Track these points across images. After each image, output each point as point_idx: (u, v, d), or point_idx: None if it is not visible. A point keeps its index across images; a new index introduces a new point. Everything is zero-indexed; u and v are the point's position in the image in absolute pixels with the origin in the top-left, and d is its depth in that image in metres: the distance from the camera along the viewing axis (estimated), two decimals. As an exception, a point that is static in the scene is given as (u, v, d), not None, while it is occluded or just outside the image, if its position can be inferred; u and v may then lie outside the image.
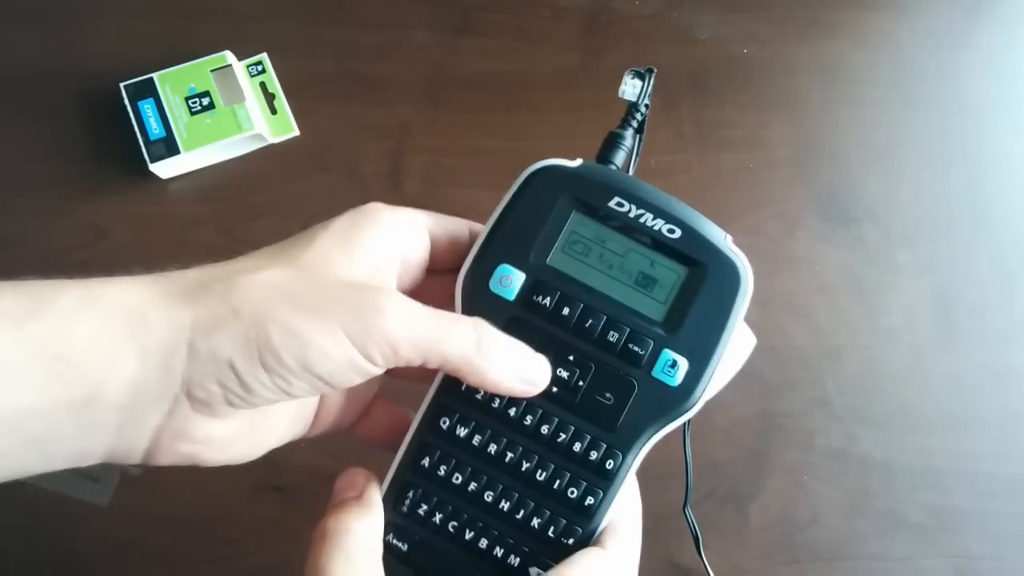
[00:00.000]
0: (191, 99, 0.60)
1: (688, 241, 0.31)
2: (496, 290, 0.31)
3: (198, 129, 0.59)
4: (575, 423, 0.31)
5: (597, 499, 0.31)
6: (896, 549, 0.53)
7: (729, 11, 0.67)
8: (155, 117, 0.59)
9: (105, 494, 0.52)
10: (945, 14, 0.68)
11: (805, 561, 0.53)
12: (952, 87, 0.65)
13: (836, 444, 0.55)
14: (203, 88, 0.60)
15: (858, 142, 0.64)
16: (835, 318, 0.58)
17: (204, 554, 0.52)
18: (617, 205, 0.31)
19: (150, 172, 0.59)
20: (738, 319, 0.31)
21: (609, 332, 0.31)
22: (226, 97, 0.60)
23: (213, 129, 0.59)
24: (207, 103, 0.60)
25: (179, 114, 0.59)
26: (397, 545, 0.31)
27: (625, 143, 0.35)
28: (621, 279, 0.31)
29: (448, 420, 0.31)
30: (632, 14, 0.66)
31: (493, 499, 0.31)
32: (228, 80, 0.61)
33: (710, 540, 0.52)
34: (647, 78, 0.35)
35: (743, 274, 0.31)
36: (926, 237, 0.61)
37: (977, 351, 0.58)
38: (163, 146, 0.59)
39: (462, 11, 0.66)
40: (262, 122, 0.61)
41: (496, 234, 0.31)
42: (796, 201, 0.61)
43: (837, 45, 0.66)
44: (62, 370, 0.24)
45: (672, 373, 0.30)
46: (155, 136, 0.59)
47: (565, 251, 0.31)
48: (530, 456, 0.31)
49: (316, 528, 0.29)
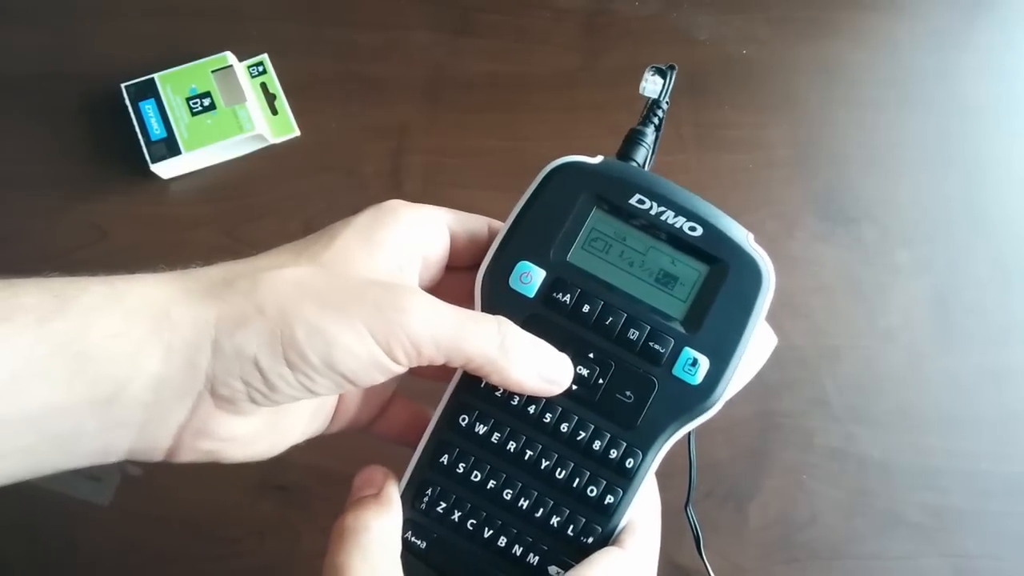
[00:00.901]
0: (192, 99, 0.60)
1: (710, 239, 0.31)
2: (516, 287, 0.31)
3: (199, 129, 0.59)
4: (595, 421, 0.31)
5: (616, 498, 0.30)
6: (895, 548, 0.53)
7: (728, 12, 0.67)
8: (156, 117, 0.59)
9: (106, 494, 0.53)
10: (945, 14, 0.68)
11: (804, 560, 0.53)
12: (951, 88, 0.65)
13: (835, 444, 0.55)
14: (204, 89, 0.60)
15: (857, 142, 0.64)
16: (834, 318, 0.59)
17: (204, 554, 0.52)
18: (638, 202, 0.31)
19: (151, 172, 0.59)
20: (759, 318, 0.31)
21: (629, 330, 0.30)
22: (227, 98, 0.60)
23: (214, 129, 0.59)
24: (208, 104, 0.60)
25: (180, 114, 0.60)
26: (416, 543, 0.31)
27: (646, 140, 0.34)
28: (642, 277, 0.31)
29: (467, 417, 0.31)
30: (631, 15, 0.66)
31: (512, 497, 0.31)
32: (229, 81, 0.61)
33: (709, 539, 0.52)
34: (668, 75, 0.34)
35: (765, 272, 0.31)
36: (925, 237, 0.61)
37: (976, 351, 0.58)
38: (164, 146, 0.59)
39: (462, 11, 0.66)
40: (263, 123, 0.61)
41: (516, 231, 0.31)
42: (795, 201, 0.61)
43: (837, 45, 0.66)
44: (85, 367, 0.24)
45: (693, 372, 0.30)
46: (156, 136, 0.59)
47: (586, 248, 0.31)
48: (549, 454, 0.31)
49: (334, 526, 0.29)
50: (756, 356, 0.31)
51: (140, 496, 0.53)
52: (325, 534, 0.56)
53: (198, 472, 0.53)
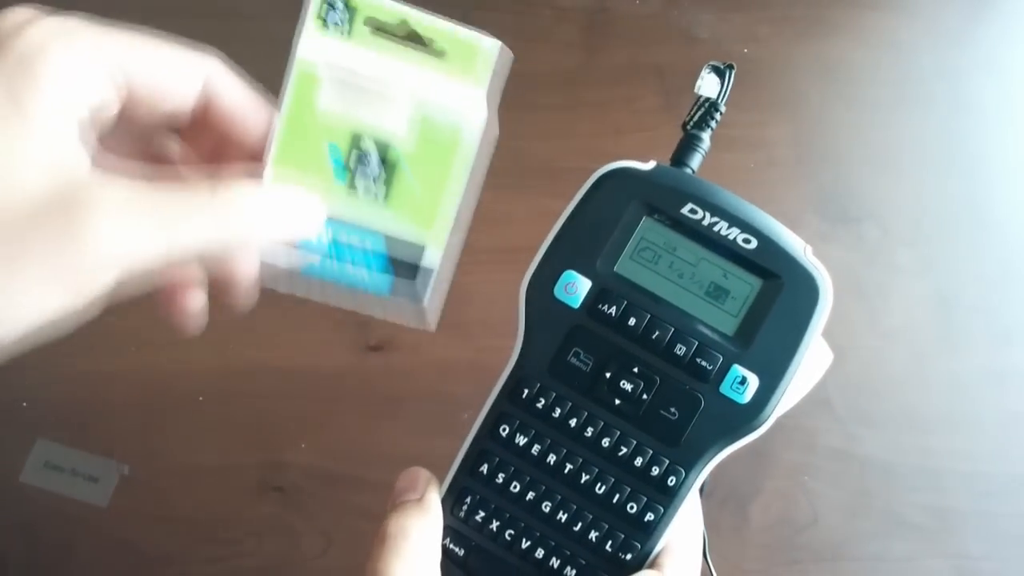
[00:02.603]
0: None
1: (764, 252, 0.30)
2: (561, 296, 0.30)
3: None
4: (637, 436, 0.30)
5: (657, 515, 0.30)
6: (897, 549, 0.53)
7: (729, 11, 0.66)
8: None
9: (104, 495, 0.52)
10: (945, 14, 0.68)
11: (805, 561, 0.53)
12: (953, 86, 0.65)
13: (837, 444, 0.55)
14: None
15: (858, 141, 0.63)
16: (835, 318, 0.58)
17: (204, 554, 0.52)
18: (690, 212, 0.30)
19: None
20: (814, 336, 0.30)
21: (676, 345, 0.29)
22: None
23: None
24: None
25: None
26: (454, 550, 0.31)
27: (703, 145, 0.33)
28: (691, 289, 0.30)
29: (508, 428, 0.30)
30: (632, 14, 0.66)
31: (551, 509, 0.30)
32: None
33: (710, 540, 0.52)
34: (727, 74, 0.33)
35: (822, 288, 0.30)
36: (926, 237, 0.61)
37: (978, 352, 0.58)
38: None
39: (462, 11, 0.66)
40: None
41: (563, 239, 0.30)
42: (796, 201, 0.61)
43: (838, 44, 0.66)
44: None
45: (741, 390, 0.29)
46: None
47: (634, 258, 0.30)
48: (590, 468, 0.30)
49: (377, 530, 0.29)
50: (810, 374, 0.30)
51: (138, 497, 0.53)
52: (324, 535, 0.56)
53: (198, 473, 0.53)
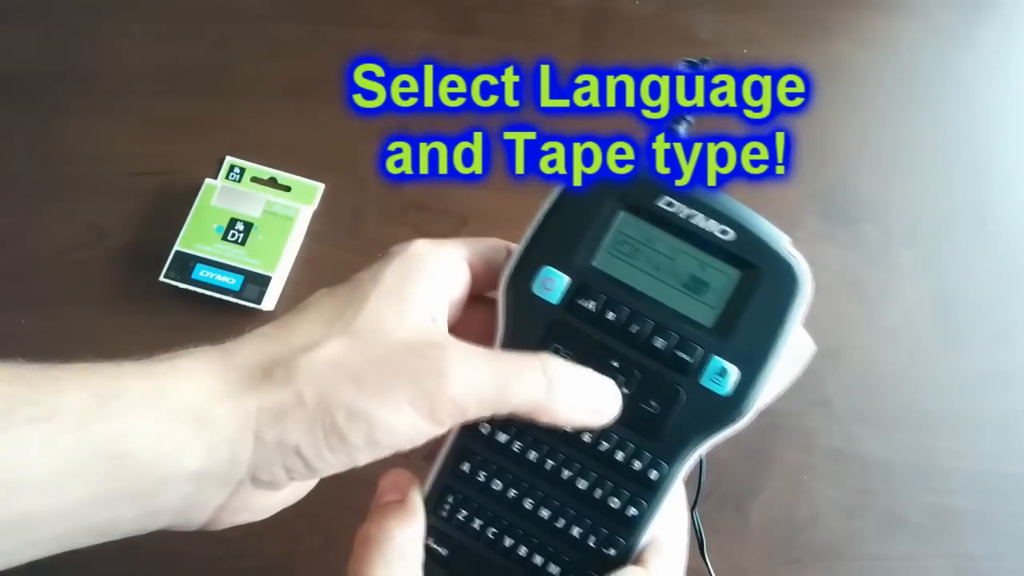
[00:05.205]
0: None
1: (742, 243, 0.29)
2: (539, 293, 0.30)
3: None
4: (618, 431, 0.30)
5: (640, 510, 0.30)
6: (897, 549, 0.53)
7: (729, 11, 0.66)
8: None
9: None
10: (946, 14, 0.68)
11: (805, 561, 0.53)
12: (953, 87, 0.65)
13: (836, 444, 0.55)
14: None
15: (859, 142, 0.63)
16: (835, 318, 0.58)
17: (204, 554, 0.52)
18: (667, 204, 0.30)
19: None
20: (794, 326, 0.29)
21: (656, 338, 0.29)
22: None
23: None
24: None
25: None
26: (437, 550, 0.30)
27: (676, 139, 0.33)
28: (670, 282, 0.30)
29: (488, 425, 0.30)
30: (632, 14, 0.66)
31: (533, 507, 0.30)
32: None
33: (710, 540, 0.52)
34: (698, 68, 0.33)
35: (801, 278, 0.29)
36: (927, 237, 0.61)
37: (978, 351, 0.58)
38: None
39: (462, 11, 0.66)
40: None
41: (540, 235, 0.30)
42: (796, 201, 0.61)
43: (838, 45, 0.66)
44: (126, 466, 0.24)
45: (721, 382, 0.29)
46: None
47: (611, 253, 0.30)
48: (571, 464, 0.30)
49: (358, 532, 0.29)
50: (791, 365, 0.30)
51: (139, 497, 0.53)
52: (324, 535, 0.56)
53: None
